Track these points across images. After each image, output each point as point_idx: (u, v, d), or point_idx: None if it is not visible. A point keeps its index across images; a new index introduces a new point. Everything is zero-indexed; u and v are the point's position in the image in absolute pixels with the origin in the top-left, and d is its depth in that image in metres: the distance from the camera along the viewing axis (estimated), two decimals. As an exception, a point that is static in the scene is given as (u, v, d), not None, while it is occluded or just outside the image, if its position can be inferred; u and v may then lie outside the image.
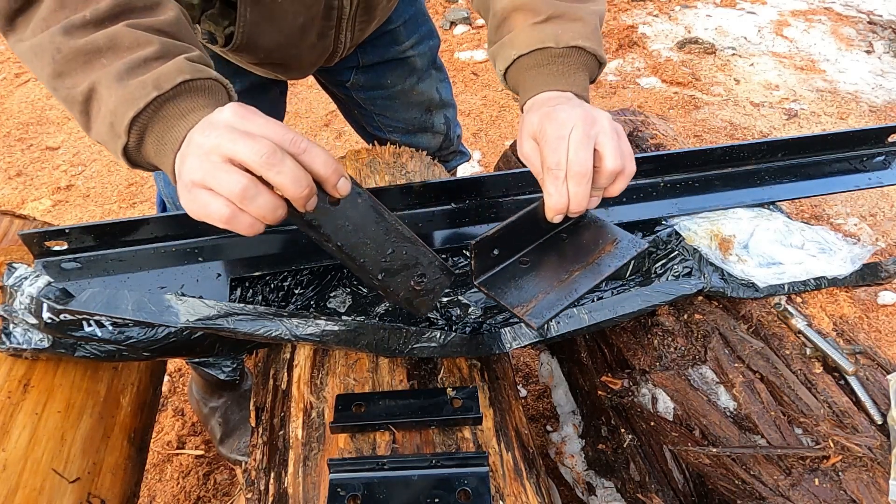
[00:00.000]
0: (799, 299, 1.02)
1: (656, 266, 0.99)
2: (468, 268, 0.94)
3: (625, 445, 1.05)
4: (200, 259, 0.95)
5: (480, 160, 2.75)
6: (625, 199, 1.06)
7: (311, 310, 0.91)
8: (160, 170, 0.73)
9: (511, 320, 0.92)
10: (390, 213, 0.75)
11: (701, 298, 1.03)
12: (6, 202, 2.60)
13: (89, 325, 0.87)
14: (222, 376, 1.58)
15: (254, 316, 0.83)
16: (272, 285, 0.94)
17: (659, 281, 0.97)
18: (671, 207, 1.05)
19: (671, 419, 0.94)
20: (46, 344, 0.88)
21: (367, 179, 1.22)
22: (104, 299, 0.82)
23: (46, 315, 0.84)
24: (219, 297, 0.91)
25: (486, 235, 0.77)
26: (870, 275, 1.00)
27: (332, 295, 0.96)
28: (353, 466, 0.76)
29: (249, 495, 0.85)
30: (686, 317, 1.02)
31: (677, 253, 0.99)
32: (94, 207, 2.58)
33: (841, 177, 1.12)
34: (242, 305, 0.84)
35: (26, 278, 0.86)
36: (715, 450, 0.87)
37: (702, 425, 0.90)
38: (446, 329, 0.89)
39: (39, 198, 2.63)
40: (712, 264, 0.99)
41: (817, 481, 0.80)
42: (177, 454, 1.76)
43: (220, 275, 0.94)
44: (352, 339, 0.83)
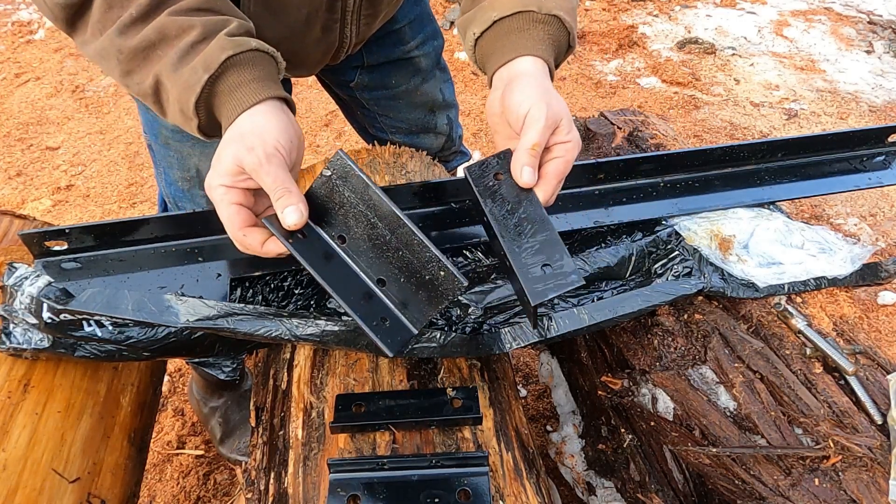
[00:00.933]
0: (799, 299, 1.02)
1: (656, 266, 0.99)
2: (468, 268, 0.95)
3: (625, 445, 1.05)
4: (200, 259, 0.94)
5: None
6: (625, 199, 1.06)
7: (312, 310, 0.90)
8: None
9: (511, 320, 0.92)
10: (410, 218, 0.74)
11: (701, 298, 1.03)
12: (6, 202, 2.59)
13: (89, 325, 0.87)
14: (222, 376, 1.58)
15: (254, 316, 0.83)
16: (272, 285, 0.94)
17: (659, 281, 0.97)
18: (671, 207, 1.05)
19: (671, 419, 0.94)
20: (46, 344, 0.88)
21: (367, 179, 1.22)
22: (104, 299, 0.83)
23: (46, 315, 0.84)
24: (219, 297, 0.91)
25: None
26: (870, 275, 1.00)
27: (332, 295, 0.96)
28: (353, 466, 0.76)
29: (249, 495, 0.85)
30: (686, 317, 1.02)
31: (677, 253, 0.99)
32: (94, 207, 2.58)
33: (841, 177, 1.12)
34: (242, 305, 0.84)
35: (26, 278, 0.86)
36: (715, 450, 0.87)
37: (702, 425, 0.90)
38: (446, 329, 0.89)
39: (39, 198, 2.63)
40: (712, 264, 0.99)
41: (817, 481, 0.80)
42: (177, 454, 1.76)
43: (220, 275, 0.93)
44: (352, 339, 0.83)
